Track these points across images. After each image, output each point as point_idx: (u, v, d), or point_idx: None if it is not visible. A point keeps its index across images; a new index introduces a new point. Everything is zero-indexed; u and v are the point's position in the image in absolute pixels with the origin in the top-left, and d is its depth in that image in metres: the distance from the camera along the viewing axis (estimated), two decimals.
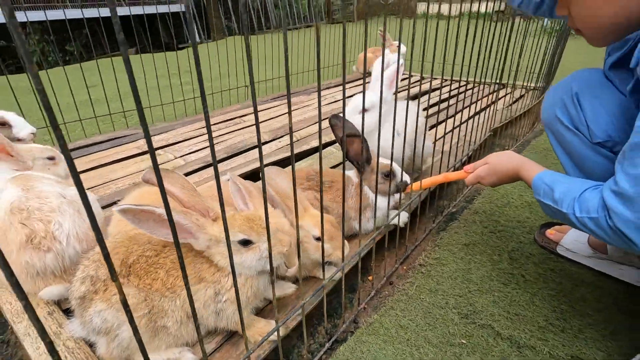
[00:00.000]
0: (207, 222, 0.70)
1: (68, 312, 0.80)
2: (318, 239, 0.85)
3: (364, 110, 0.75)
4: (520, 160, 0.89)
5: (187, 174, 1.49)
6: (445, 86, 2.72)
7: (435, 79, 2.97)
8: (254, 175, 1.48)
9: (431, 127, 1.87)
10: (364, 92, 0.76)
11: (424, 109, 1.31)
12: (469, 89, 2.16)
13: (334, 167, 1.55)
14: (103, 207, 1.19)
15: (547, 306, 0.94)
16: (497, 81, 1.65)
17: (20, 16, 4.85)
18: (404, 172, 1.08)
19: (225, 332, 0.80)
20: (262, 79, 3.04)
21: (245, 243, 0.71)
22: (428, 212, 1.37)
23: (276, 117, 2.23)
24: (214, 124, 2.09)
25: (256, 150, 1.74)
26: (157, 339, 0.70)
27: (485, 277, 1.04)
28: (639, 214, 0.61)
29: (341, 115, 0.91)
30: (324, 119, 2.17)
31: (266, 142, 1.82)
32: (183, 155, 1.69)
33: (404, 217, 1.13)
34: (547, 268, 1.07)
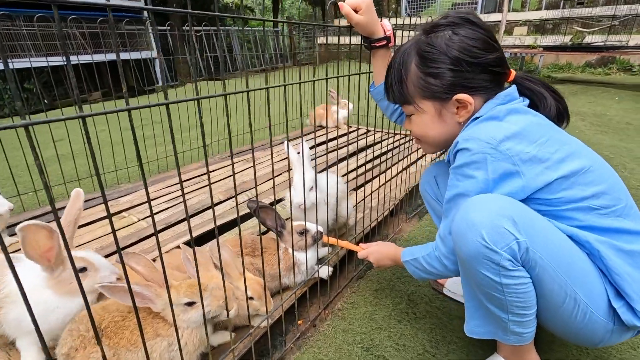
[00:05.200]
0: (162, 291, 0.96)
1: None
2: (251, 297, 1.13)
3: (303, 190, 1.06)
4: (398, 248, 1.22)
5: (149, 236, 1.72)
6: (389, 138, 3.08)
7: (378, 131, 3.34)
8: (203, 238, 1.72)
9: (362, 185, 2.23)
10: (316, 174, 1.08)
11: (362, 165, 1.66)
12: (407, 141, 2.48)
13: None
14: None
15: (427, 337, 1.25)
16: None
17: None
18: (318, 226, 1.39)
19: None
20: (226, 131, 3.34)
21: (190, 304, 0.98)
22: (355, 261, 1.68)
23: (234, 174, 2.51)
24: (174, 184, 2.34)
25: (210, 210, 2.01)
26: None
27: (386, 317, 1.35)
28: (448, 248, 0.95)
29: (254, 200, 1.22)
30: (276, 176, 2.48)
31: (220, 202, 2.09)
32: (146, 218, 1.91)
33: (326, 270, 1.43)
34: (435, 306, 1.40)
